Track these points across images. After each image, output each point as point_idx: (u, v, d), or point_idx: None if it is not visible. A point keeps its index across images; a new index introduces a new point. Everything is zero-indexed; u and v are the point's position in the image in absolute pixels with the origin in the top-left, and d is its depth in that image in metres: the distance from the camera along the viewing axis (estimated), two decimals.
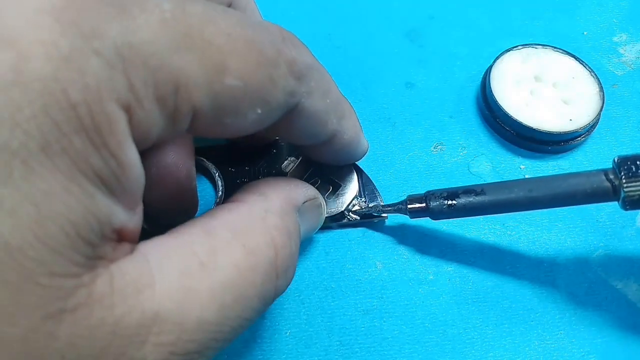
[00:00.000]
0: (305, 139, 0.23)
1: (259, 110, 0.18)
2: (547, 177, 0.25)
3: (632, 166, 0.23)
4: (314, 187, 0.25)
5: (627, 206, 0.23)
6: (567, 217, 0.32)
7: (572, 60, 0.36)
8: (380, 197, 0.31)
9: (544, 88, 0.35)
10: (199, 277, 0.17)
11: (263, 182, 0.23)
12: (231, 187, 0.31)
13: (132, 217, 0.16)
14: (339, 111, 0.23)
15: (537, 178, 0.26)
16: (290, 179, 0.27)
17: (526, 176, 0.33)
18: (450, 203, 0.27)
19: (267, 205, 0.20)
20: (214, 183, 0.32)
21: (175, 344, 0.15)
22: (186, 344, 0.16)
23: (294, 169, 0.31)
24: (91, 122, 0.13)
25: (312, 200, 0.25)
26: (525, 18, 0.40)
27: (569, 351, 0.28)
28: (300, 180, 0.26)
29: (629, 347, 0.28)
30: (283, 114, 0.19)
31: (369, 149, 0.28)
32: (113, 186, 0.15)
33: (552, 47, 0.36)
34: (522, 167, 0.34)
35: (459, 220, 0.31)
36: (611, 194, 0.24)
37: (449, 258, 0.30)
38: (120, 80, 0.14)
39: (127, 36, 0.14)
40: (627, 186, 0.23)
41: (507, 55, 0.36)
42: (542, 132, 0.33)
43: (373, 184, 0.32)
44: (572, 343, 0.28)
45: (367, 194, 0.31)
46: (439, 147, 0.34)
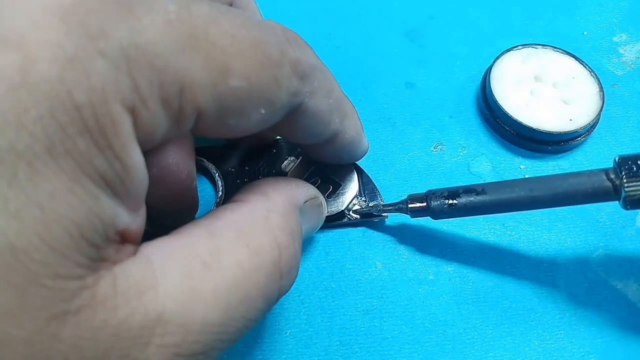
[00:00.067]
0: (308, 138, 0.23)
1: (262, 110, 0.18)
2: (548, 177, 0.25)
3: (633, 166, 0.23)
4: (314, 187, 0.25)
5: (628, 206, 0.23)
6: (567, 217, 0.32)
7: (572, 60, 0.36)
8: (380, 196, 0.31)
9: (544, 88, 0.35)
10: (203, 277, 0.16)
11: (264, 182, 0.23)
12: (231, 187, 0.31)
13: (135, 219, 0.16)
14: (341, 111, 0.23)
15: (537, 177, 0.26)
16: (291, 178, 0.27)
17: (526, 176, 0.33)
18: (451, 202, 0.27)
19: (269, 205, 0.20)
20: (214, 183, 0.32)
21: (180, 345, 0.15)
22: (191, 345, 0.16)
23: (294, 169, 0.31)
24: (96, 123, 0.13)
25: (313, 200, 0.25)
26: (525, 18, 0.40)
27: (569, 351, 0.28)
28: (301, 180, 0.26)
29: (629, 347, 0.28)
30: (286, 114, 0.19)
31: (369, 149, 0.28)
32: (117, 188, 0.14)
33: (552, 47, 0.36)
34: (522, 167, 0.34)
35: (459, 220, 0.31)
36: (612, 193, 0.24)
37: (449, 258, 0.30)
38: (125, 82, 0.14)
39: (133, 37, 0.14)
40: (628, 186, 0.23)
41: (507, 55, 0.36)
42: (542, 132, 0.33)
43: (373, 183, 0.32)
44: (572, 343, 0.28)
45: (367, 194, 0.31)
46: (439, 147, 0.34)
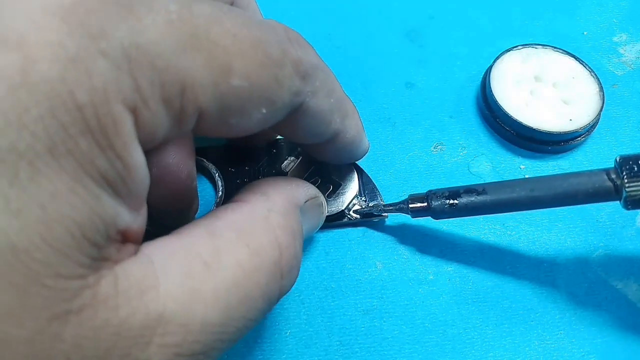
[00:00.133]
0: (309, 137, 0.23)
1: (264, 110, 0.18)
2: (549, 177, 0.25)
3: (634, 166, 0.23)
4: (314, 186, 0.25)
5: (629, 206, 0.23)
6: (567, 217, 0.32)
7: (572, 60, 0.36)
8: (380, 196, 0.31)
9: (544, 88, 0.35)
10: (203, 277, 0.16)
11: (264, 181, 0.23)
12: (231, 187, 0.31)
13: (136, 218, 0.16)
14: (342, 110, 0.23)
15: (538, 177, 0.26)
16: (291, 178, 0.26)
17: (526, 176, 0.33)
18: (452, 202, 0.27)
19: (269, 204, 0.20)
20: (214, 183, 0.31)
21: (180, 345, 0.15)
22: (191, 345, 0.16)
23: (294, 169, 0.31)
24: (97, 123, 0.13)
25: (314, 199, 0.25)
26: (525, 18, 0.40)
27: (569, 351, 0.28)
28: (301, 180, 0.26)
29: (629, 347, 0.28)
30: (287, 113, 0.19)
31: (369, 149, 0.28)
32: (118, 187, 0.14)
33: (552, 47, 0.36)
34: (522, 167, 0.34)
35: (459, 220, 0.31)
36: (613, 193, 0.24)
37: (449, 258, 0.30)
38: (127, 81, 0.14)
39: (134, 37, 0.14)
40: (629, 186, 0.23)
41: (507, 55, 0.36)
42: (542, 132, 0.33)
43: (373, 183, 0.32)
44: (572, 343, 0.28)
45: (367, 194, 0.31)
46: (439, 147, 0.34)
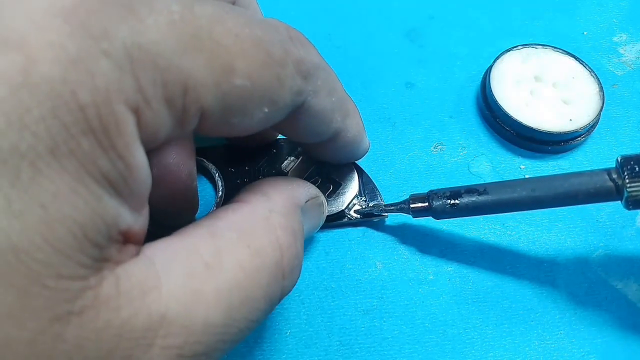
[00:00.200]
0: (310, 136, 0.23)
1: (265, 109, 0.18)
2: (550, 177, 0.25)
3: (635, 166, 0.23)
4: (314, 186, 0.25)
5: (630, 206, 0.23)
6: (567, 217, 0.32)
7: (572, 60, 0.36)
8: (380, 196, 0.31)
9: (544, 88, 0.35)
10: (205, 278, 0.16)
11: (265, 182, 0.23)
12: (231, 187, 0.31)
13: (138, 219, 0.16)
14: (343, 110, 0.23)
15: (539, 177, 0.26)
16: (291, 178, 0.26)
17: (526, 176, 0.33)
18: (453, 202, 0.27)
19: (270, 205, 0.20)
20: (214, 183, 0.31)
21: (182, 346, 0.15)
22: (193, 346, 0.16)
23: (294, 169, 0.31)
24: (99, 124, 0.13)
25: (314, 199, 0.25)
26: (525, 18, 0.40)
27: (569, 351, 0.28)
28: (302, 180, 0.26)
29: (629, 347, 0.28)
30: (289, 113, 0.19)
31: (369, 149, 0.28)
32: (120, 188, 0.14)
33: (552, 47, 0.36)
34: (522, 167, 0.34)
35: (459, 220, 0.31)
36: (614, 193, 0.24)
37: (449, 258, 0.30)
38: (129, 82, 0.14)
39: (136, 37, 0.14)
40: (630, 186, 0.23)
41: (507, 55, 0.36)
42: (542, 132, 0.33)
43: (373, 183, 0.31)
44: (572, 343, 0.28)
45: (368, 193, 0.31)
46: (439, 147, 0.34)
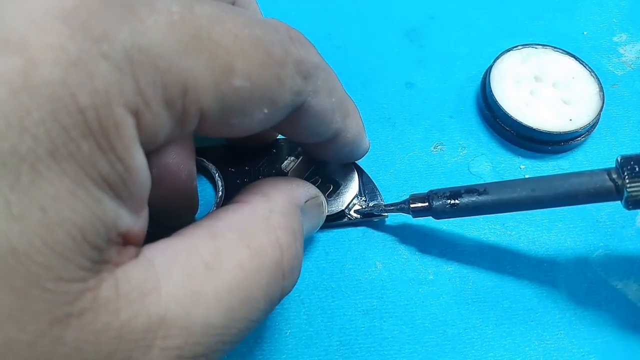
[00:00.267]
0: (310, 137, 0.23)
1: (265, 110, 0.18)
2: (550, 177, 0.25)
3: (635, 166, 0.23)
4: (314, 186, 0.25)
5: (630, 206, 0.23)
6: (567, 217, 0.32)
7: (572, 60, 0.36)
8: (380, 196, 0.31)
9: (544, 88, 0.35)
10: (205, 279, 0.16)
11: (265, 182, 0.23)
12: (231, 187, 0.31)
13: (137, 221, 0.16)
14: (343, 110, 0.23)
15: (539, 177, 0.26)
16: (291, 178, 0.26)
17: (526, 176, 0.33)
18: (453, 202, 0.27)
19: (270, 205, 0.20)
20: (214, 183, 0.31)
21: (182, 347, 0.15)
22: (193, 347, 0.16)
23: (295, 169, 0.31)
24: (99, 126, 0.13)
25: (314, 199, 0.25)
26: (525, 18, 0.40)
27: (569, 351, 0.28)
28: (301, 179, 0.26)
29: (629, 347, 0.28)
30: (289, 113, 0.19)
31: (369, 148, 0.28)
32: (119, 190, 0.14)
33: (552, 47, 0.36)
34: (522, 167, 0.34)
35: (459, 220, 0.31)
36: (614, 193, 0.24)
37: (449, 258, 0.30)
38: (129, 84, 0.14)
39: (136, 39, 0.14)
40: (630, 186, 0.23)
41: (507, 55, 0.35)
42: (542, 132, 0.33)
43: (373, 183, 0.31)
44: (572, 343, 0.28)
45: (368, 193, 0.31)
46: (439, 147, 0.34)
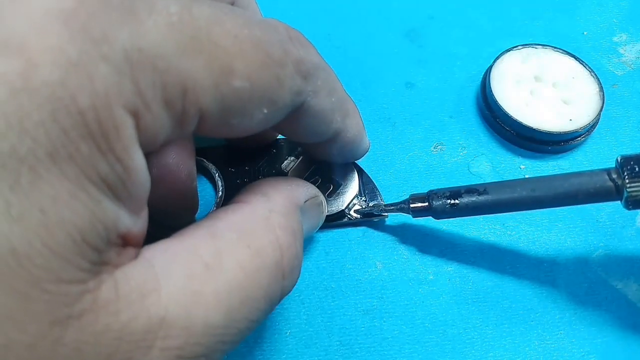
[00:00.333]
0: (310, 137, 0.23)
1: (265, 110, 0.18)
2: (550, 177, 0.25)
3: (635, 166, 0.23)
4: (314, 186, 0.25)
5: (630, 206, 0.23)
6: (567, 217, 0.32)
7: (572, 60, 0.36)
8: (380, 196, 0.31)
9: (544, 88, 0.35)
10: (205, 279, 0.16)
11: (264, 182, 0.23)
12: (231, 187, 0.31)
13: (137, 222, 0.16)
14: (343, 110, 0.23)
15: (539, 177, 0.26)
16: (290, 178, 0.26)
17: (526, 176, 0.33)
18: (453, 202, 0.27)
19: (270, 205, 0.20)
20: (214, 183, 0.31)
21: (183, 348, 0.15)
22: (193, 348, 0.16)
23: (294, 169, 0.31)
24: (98, 128, 0.13)
25: (314, 199, 0.25)
26: (525, 18, 0.40)
27: (569, 351, 0.28)
28: (301, 179, 0.26)
29: (629, 347, 0.28)
30: (289, 113, 0.19)
31: (369, 148, 0.28)
32: (119, 191, 0.14)
33: (552, 47, 0.36)
34: (522, 167, 0.34)
35: (459, 220, 0.31)
36: (614, 193, 0.24)
37: (449, 258, 0.30)
38: (128, 86, 0.14)
39: (136, 40, 0.14)
40: (630, 186, 0.23)
41: (507, 55, 0.35)
42: (542, 132, 0.33)
43: (373, 183, 0.31)
44: (572, 343, 0.28)
45: (367, 193, 0.31)
46: (439, 147, 0.34)
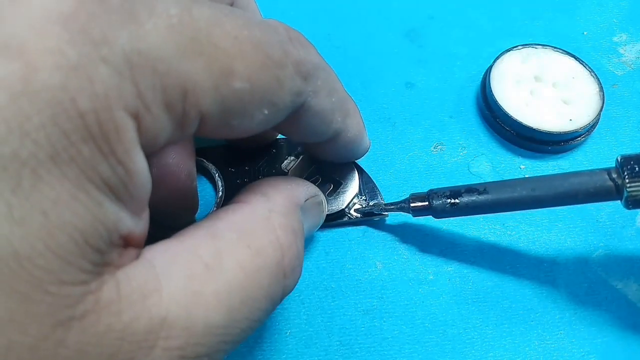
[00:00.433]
0: (310, 137, 0.23)
1: (265, 111, 0.18)
2: (550, 176, 0.25)
3: (635, 166, 0.23)
4: (314, 185, 0.25)
5: (630, 205, 0.23)
6: (567, 217, 0.32)
7: (572, 60, 0.36)
8: (380, 195, 0.31)
9: (544, 88, 0.35)
10: (205, 280, 0.16)
11: (264, 182, 0.23)
12: (231, 187, 0.31)
13: (138, 223, 0.16)
14: (343, 109, 0.23)
15: (539, 177, 0.26)
16: (290, 177, 0.26)
17: (526, 176, 0.33)
18: (453, 202, 0.27)
19: (270, 205, 0.20)
20: (214, 183, 0.31)
21: (184, 348, 0.15)
22: (195, 348, 0.16)
23: (295, 168, 0.31)
24: (99, 130, 0.13)
25: (314, 198, 0.25)
26: (525, 18, 0.40)
27: (569, 351, 0.28)
28: (300, 179, 0.26)
29: (629, 347, 0.28)
30: (289, 113, 0.19)
31: (370, 148, 0.28)
32: (120, 193, 0.14)
33: (552, 47, 0.36)
34: (522, 167, 0.34)
35: (459, 220, 0.31)
36: (614, 193, 0.24)
37: (449, 258, 0.30)
38: (129, 88, 0.14)
39: (135, 43, 0.14)
40: (630, 186, 0.23)
41: (507, 55, 0.35)
42: (542, 132, 0.33)
43: (373, 182, 0.31)
44: (572, 343, 0.28)
45: (368, 193, 0.31)
46: (439, 147, 0.34)
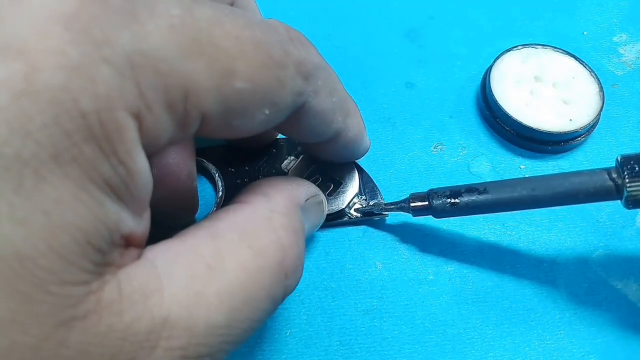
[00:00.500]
0: (310, 136, 0.23)
1: (266, 111, 0.18)
2: (550, 176, 0.25)
3: (635, 165, 0.23)
4: (314, 184, 0.25)
5: (630, 205, 0.23)
6: (567, 217, 0.32)
7: (572, 60, 0.36)
8: (380, 195, 0.31)
9: (544, 88, 0.35)
10: (207, 280, 0.16)
11: (265, 182, 0.23)
12: (231, 187, 0.31)
13: (139, 223, 0.16)
14: (344, 109, 0.23)
15: (539, 177, 0.26)
16: (290, 177, 0.26)
17: (526, 176, 0.33)
18: (453, 201, 0.27)
19: (271, 205, 0.20)
20: (214, 183, 0.31)
21: (186, 348, 0.15)
22: (197, 348, 0.16)
23: (295, 168, 0.31)
24: (101, 130, 0.13)
25: (314, 198, 0.25)
26: (525, 18, 0.40)
27: (569, 351, 0.28)
28: (301, 178, 0.26)
29: (629, 347, 0.28)
30: (290, 113, 0.19)
31: (370, 148, 0.28)
32: (122, 193, 0.14)
33: (552, 47, 0.36)
34: (522, 167, 0.34)
35: (459, 220, 0.31)
36: (614, 193, 0.24)
37: (449, 258, 0.30)
38: (130, 88, 0.14)
39: (137, 43, 0.14)
40: (630, 185, 0.23)
41: (507, 55, 0.36)
42: (542, 132, 0.33)
43: (373, 182, 0.31)
44: (572, 343, 0.28)
45: (368, 192, 0.31)
46: (439, 147, 0.34)
